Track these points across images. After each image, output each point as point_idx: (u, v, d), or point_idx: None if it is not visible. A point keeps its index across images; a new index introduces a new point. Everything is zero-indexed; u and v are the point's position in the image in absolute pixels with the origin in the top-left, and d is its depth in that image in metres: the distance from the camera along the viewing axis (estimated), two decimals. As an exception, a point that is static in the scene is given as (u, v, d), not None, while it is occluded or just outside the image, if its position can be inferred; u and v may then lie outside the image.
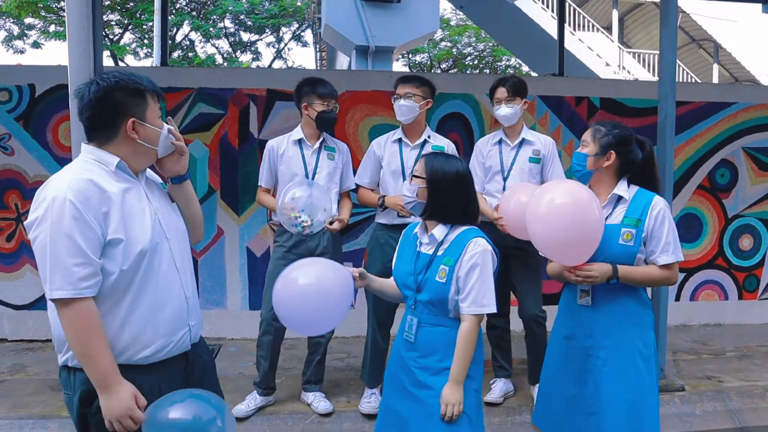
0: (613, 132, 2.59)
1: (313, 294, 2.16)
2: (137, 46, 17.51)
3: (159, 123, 1.99)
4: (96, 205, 1.80)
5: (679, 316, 5.61)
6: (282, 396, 3.82)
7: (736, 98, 5.79)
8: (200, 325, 2.11)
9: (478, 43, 19.77)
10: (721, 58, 17.93)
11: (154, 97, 1.98)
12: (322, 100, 3.56)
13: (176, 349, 1.97)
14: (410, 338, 2.36)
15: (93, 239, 1.78)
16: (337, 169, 3.69)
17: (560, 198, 2.44)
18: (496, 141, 3.83)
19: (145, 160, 2.02)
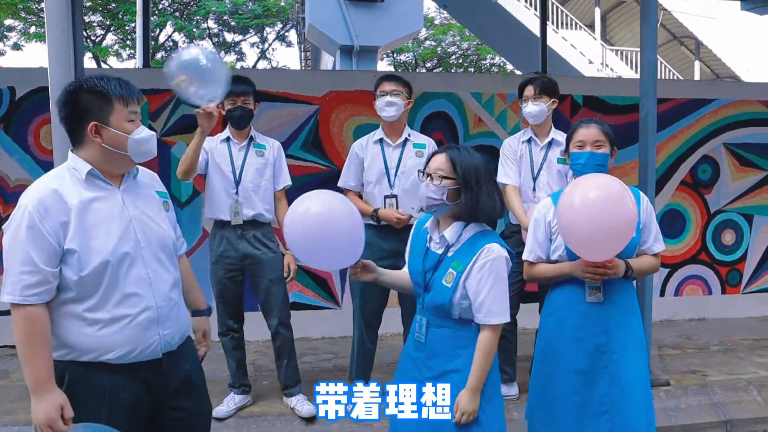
0: (611, 131, 2.70)
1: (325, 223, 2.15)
2: (120, 48, 17.38)
3: (125, 127, 1.95)
4: (54, 215, 1.85)
5: (663, 311, 5.66)
6: (269, 397, 3.81)
7: (716, 95, 5.85)
8: (178, 334, 2.09)
9: (462, 42, 19.83)
10: (702, 55, 18.12)
11: (122, 100, 1.95)
12: (228, 99, 3.52)
13: (143, 356, 1.98)
14: (421, 338, 2.31)
15: (45, 249, 1.84)
16: (267, 166, 3.66)
17: (596, 191, 2.34)
18: (526, 139, 3.80)
19: (119, 165, 2.00)
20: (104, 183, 1.97)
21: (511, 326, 3.81)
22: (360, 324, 3.68)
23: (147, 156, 2.03)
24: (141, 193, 2.08)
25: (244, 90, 3.56)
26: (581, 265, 2.50)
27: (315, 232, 2.15)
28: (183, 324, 2.14)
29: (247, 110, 3.60)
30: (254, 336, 4.98)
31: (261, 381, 4.07)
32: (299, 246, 2.21)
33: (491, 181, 2.26)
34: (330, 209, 2.18)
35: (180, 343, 2.12)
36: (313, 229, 2.15)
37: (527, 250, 2.71)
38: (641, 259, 2.62)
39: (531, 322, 3.96)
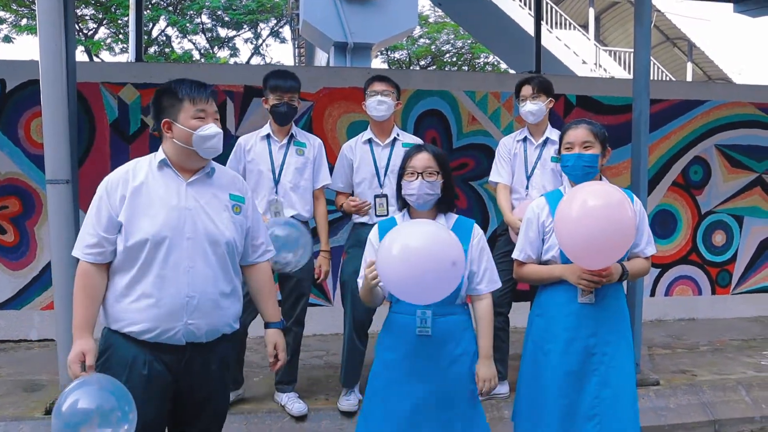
0: (602, 130, 2.67)
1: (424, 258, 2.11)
2: (112, 42, 17.27)
3: (191, 124, 2.13)
4: (119, 191, 2.12)
5: (654, 311, 5.69)
6: (260, 394, 3.80)
7: (708, 96, 5.88)
8: (208, 328, 2.16)
9: (456, 40, 19.82)
10: (694, 57, 18.20)
11: (190, 99, 2.14)
12: (274, 93, 3.51)
13: (164, 338, 2.11)
14: (426, 332, 2.37)
15: (105, 217, 2.11)
16: (306, 165, 3.63)
17: (596, 200, 2.33)
18: (521, 138, 3.85)
19: (190, 160, 2.18)
20: (173, 173, 2.18)
21: (504, 324, 3.82)
22: (351, 324, 3.65)
23: (213, 152, 2.18)
24: (209, 190, 2.22)
25: (291, 86, 3.52)
26: (576, 272, 2.49)
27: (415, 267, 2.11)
28: (217, 321, 2.19)
29: (293, 107, 3.54)
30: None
31: (252, 378, 4.05)
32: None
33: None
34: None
35: (210, 340, 2.19)
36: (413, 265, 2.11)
37: (518, 248, 2.72)
38: (634, 261, 2.63)
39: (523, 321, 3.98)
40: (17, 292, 4.88)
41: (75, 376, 2.05)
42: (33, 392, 3.76)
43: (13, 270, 4.87)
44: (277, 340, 2.39)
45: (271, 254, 2.45)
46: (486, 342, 2.45)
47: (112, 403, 1.92)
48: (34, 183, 4.80)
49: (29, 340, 4.87)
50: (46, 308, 4.80)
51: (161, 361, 2.12)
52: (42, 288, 4.84)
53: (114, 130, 4.90)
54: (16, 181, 4.80)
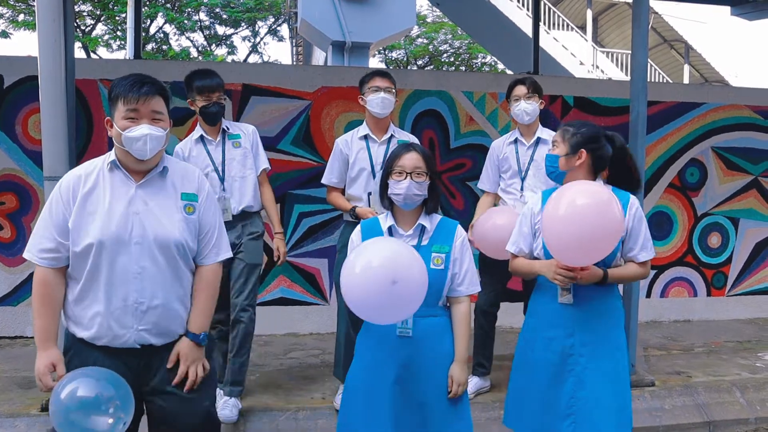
0: (581, 131, 2.61)
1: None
2: (110, 38, 17.22)
3: (122, 124, 2.06)
4: (71, 195, 2.08)
5: (649, 312, 5.71)
6: (255, 392, 3.80)
7: (705, 99, 5.90)
8: (161, 333, 2.11)
9: (454, 40, 19.84)
10: (691, 59, 18.26)
11: (123, 98, 2.06)
12: (201, 95, 3.44)
13: (117, 344, 2.08)
14: (407, 333, 2.35)
15: (59, 221, 2.07)
16: (246, 155, 3.59)
17: (584, 198, 2.34)
18: (512, 140, 3.86)
19: (131, 160, 2.11)
20: (123, 175, 2.12)
21: (492, 322, 3.90)
22: (346, 319, 3.67)
23: (142, 154, 2.07)
24: (160, 191, 2.15)
25: (218, 84, 3.48)
26: (551, 267, 2.50)
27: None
28: (171, 324, 2.14)
29: (221, 105, 3.51)
30: (241, 331, 4.97)
31: (248, 376, 4.04)
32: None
33: None
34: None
35: (166, 342, 2.14)
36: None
37: (511, 241, 2.74)
38: (624, 267, 2.60)
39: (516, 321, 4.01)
40: (13, 289, 4.86)
41: (47, 387, 2.02)
42: (29, 389, 3.75)
43: (9, 266, 4.86)
44: (184, 350, 2.14)
45: (219, 258, 2.27)
46: (462, 346, 2.44)
47: (111, 392, 1.92)
48: (32, 179, 4.79)
49: (25, 337, 4.86)
50: (42, 305, 4.78)
51: (120, 363, 2.08)
52: (38, 285, 4.83)
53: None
54: (13, 177, 4.79)
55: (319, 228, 5.04)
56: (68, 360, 2.13)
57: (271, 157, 5.03)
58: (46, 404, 3.37)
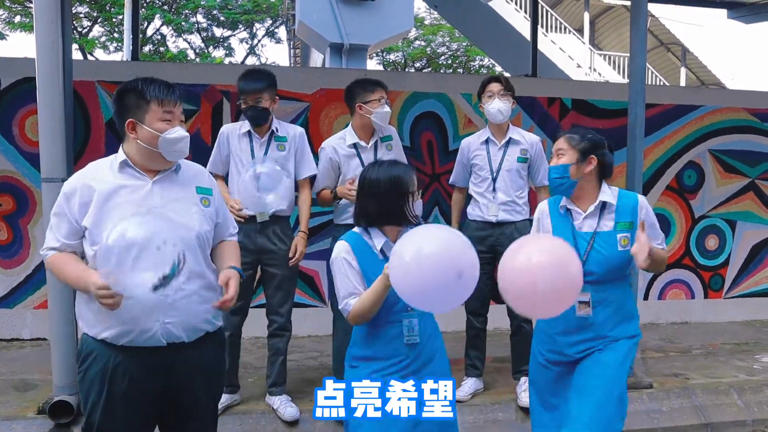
0: (587, 137, 2.60)
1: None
2: (107, 40, 17.18)
3: (158, 126, 2.08)
4: (79, 197, 2.08)
5: (647, 314, 5.71)
6: (255, 395, 3.79)
7: (702, 101, 5.92)
8: (187, 326, 2.11)
9: (452, 42, 19.84)
10: (688, 62, 18.30)
11: (158, 101, 2.09)
12: (241, 97, 3.50)
13: (141, 341, 2.05)
14: (415, 340, 2.32)
15: (66, 225, 2.11)
16: (288, 159, 3.59)
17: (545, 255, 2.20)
18: (483, 140, 3.82)
19: (154, 161, 2.13)
20: (136, 173, 2.13)
21: (483, 325, 3.91)
22: (345, 326, 3.63)
23: (179, 155, 2.14)
24: (176, 186, 2.18)
25: (255, 88, 3.45)
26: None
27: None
28: (196, 317, 2.14)
29: (260, 109, 3.47)
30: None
31: (246, 378, 4.04)
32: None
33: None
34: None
35: (193, 339, 2.14)
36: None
37: None
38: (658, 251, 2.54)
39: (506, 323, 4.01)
40: (10, 291, 4.85)
41: (108, 295, 1.94)
42: (25, 392, 3.74)
43: (6, 268, 4.84)
44: (230, 276, 2.20)
45: (234, 235, 2.39)
46: None
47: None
48: (28, 181, 4.78)
49: (22, 339, 4.84)
50: (39, 307, 4.77)
51: (142, 367, 2.07)
52: (35, 287, 4.82)
53: (109, 129, 4.87)
54: (10, 179, 4.77)
55: (318, 230, 5.03)
56: (87, 367, 2.10)
57: (269, 159, 5.06)
58: (42, 407, 3.36)
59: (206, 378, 2.22)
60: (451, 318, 4.29)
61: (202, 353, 2.18)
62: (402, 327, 2.32)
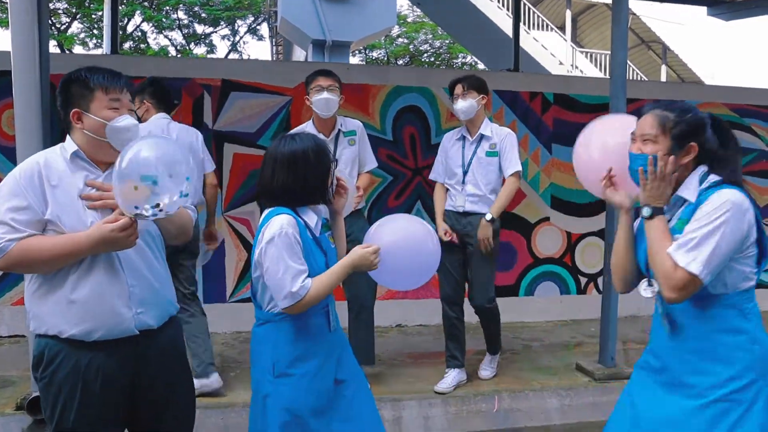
0: (686, 118, 1.91)
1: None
2: (86, 37, 17.02)
3: (105, 114, 2.00)
4: (37, 185, 1.94)
5: (629, 307, 5.73)
6: (237, 388, 3.76)
7: (682, 96, 5.95)
8: (156, 314, 2.08)
9: (434, 40, 19.90)
10: (668, 60, 18.49)
11: (103, 89, 2.00)
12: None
13: (114, 333, 2.00)
14: (335, 326, 2.24)
15: (27, 213, 1.92)
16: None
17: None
18: (459, 137, 3.99)
19: (103, 152, 2.03)
20: (88, 165, 2.03)
21: (460, 315, 3.98)
22: (357, 303, 3.82)
23: (128, 144, 2.00)
24: None
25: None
26: None
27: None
28: (163, 305, 2.12)
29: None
30: (221, 328, 4.94)
31: (228, 372, 4.02)
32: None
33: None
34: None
35: (161, 324, 2.11)
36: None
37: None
38: None
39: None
40: (-15, 288, 4.78)
41: (133, 231, 1.89)
42: (3, 388, 3.68)
43: (-17, 265, 4.75)
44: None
45: (193, 213, 2.29)
46: None
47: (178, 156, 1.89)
48: (4, 175, 4.69)
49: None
50: (17, 303, 4.70)
51: (114, 360, 2.01)
52: (12, 283, 4.74)
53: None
54: (-14, 173, 4.70)
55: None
56: (53, 371, 1.99)
57: (252, 153, 5.03)
58: (21, 403, 3.32)
59: (176, 362, 2.18)
60: (434, 312, 4.31)
61: (168, 337, 2.15)
62: (325, 316, 2.21)
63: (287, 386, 2.11)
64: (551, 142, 5.60)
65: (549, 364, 4.38)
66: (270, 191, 2.17)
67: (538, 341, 4.98)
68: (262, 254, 2.08)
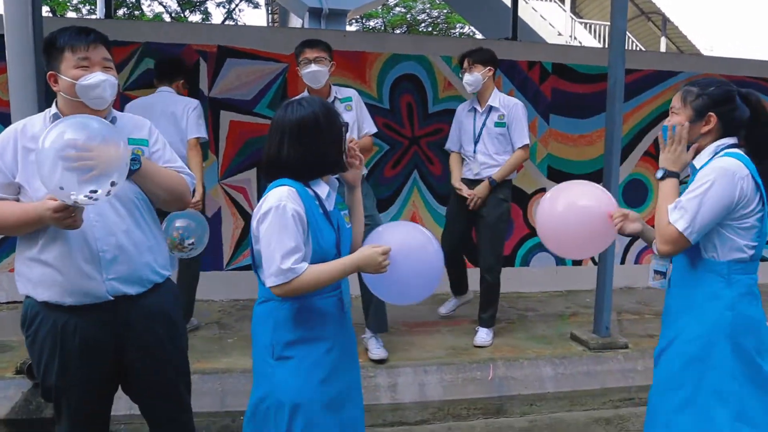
0: (708, 91, 2.14)
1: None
2: (79, 2, 16.74)
3: (73, 74, 1.96)
4: (10, 151, 1.98)
5: (624, 278, 5.79)
6: (234, 354, 3.79)
7: (681, 67, 5.93)
8: (131, 280, 2.05)
9: (432, 9, 19.66)
10: (668, 31, 18.30)
11: (70, 48, 1.97)
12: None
13: (86, 299, 2.00)
14: (348, 306, 2.13)
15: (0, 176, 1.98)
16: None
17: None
18: (471, 108, 4.17)
19: (78, 111, 1.96)
20: None
21: (460, 254, 4.36)
22: None
23: (101, 102, 2.00)
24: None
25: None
26: None
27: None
28: (142, 272, 2.07)
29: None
30: (218, 295, 4.96)
31: (226, 339, 4.06)
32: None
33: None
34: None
35: (142, 291, 2.08)
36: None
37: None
38: None
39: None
40: (-20, 253, 4.77)
41: (67, 216, 1.82)
42: (2, 353, 3.70)
43: (-21, 232, 4.74)
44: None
45: (189, 178, 2.23)
46: None
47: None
48: None
49: (-5, 303, 4.79)
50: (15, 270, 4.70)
51: (91, 321, 2.01)
52: (10, 249, 4.73)
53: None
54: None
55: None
56: (35, 330, 2.03)
57: (248, 120, 5.00)
58: (20, 367, 3.34)
59: (164, 327, 2.15)
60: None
61: (153, 303, 2.12)
62: (338, 296, 2.06)
63: (286, 371, 1.96)
64: (549, 113, 5.58)
65: (544, 334, 4.42)
66: (277, 162, 1.97)
67: (534, 311, 5.02)
68: (258, 227, 1.93)
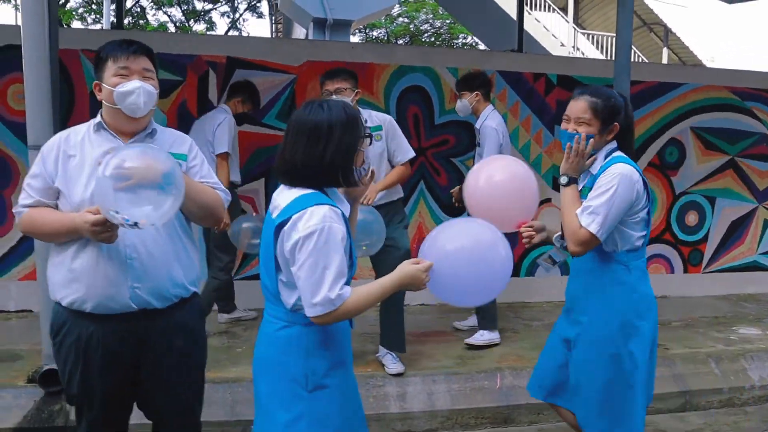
0: (611, 102, 2.32)
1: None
2: (84, 12, 16.87)
3: (112, 81, 2.05)
4: (53, 157, 2.07)
5: (627, 288, 5.81)
6: (244, 364, 3.81)
7: (684, 79, 5.99)
8: (158, 291, 2.06)
9: (435, 20, 19.77)
10: (670, 42, 18.39)
11: (112, 57, 2.07)
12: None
13: (110, 307, 2.02)
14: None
15: (41, 183, 2.07)
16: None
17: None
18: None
19: (122, 121, 2.08)
20: (110, 135, 2.10)
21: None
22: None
23: (135, 109, 2.05)
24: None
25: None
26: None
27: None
28: (166, 285, 2.08)
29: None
30: (226, 305, 4.98)
31: (235, 348, 4.09)
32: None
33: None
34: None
35: (166, 306, 2.09)
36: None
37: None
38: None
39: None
40: (-6, 263, 4.81)
41: (104, 230, 1.87)
42: (14, 362, 3.73)
43: (-11, 239, 4.79)
44: None
45: (224, 194, 2.24)
46: None
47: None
48: (11, 150, 4.71)
49: (7, 311, 4.80)
50: (24, 278, 4.74)
51: (116, 335, 2.04)
52: (20, 258, 4.78)
53: (94, 98, 4.79)
54: (-8, 148, 4.71)
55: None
56: (61, 339, 2.09)
57: (256, 131, 5.05)
58: (32, 376, 3.37)
59: (185, 347, 2.16)
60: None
61: (176, 321, 2.13)
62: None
63: (324, 401, 1.83)
64: (554, 124, 5.62)
65: (549, 343, 4.44)
66: (287, 166, 1.86)
67: (539, 321, 5.04)
68: (297, 248, 1.75)
